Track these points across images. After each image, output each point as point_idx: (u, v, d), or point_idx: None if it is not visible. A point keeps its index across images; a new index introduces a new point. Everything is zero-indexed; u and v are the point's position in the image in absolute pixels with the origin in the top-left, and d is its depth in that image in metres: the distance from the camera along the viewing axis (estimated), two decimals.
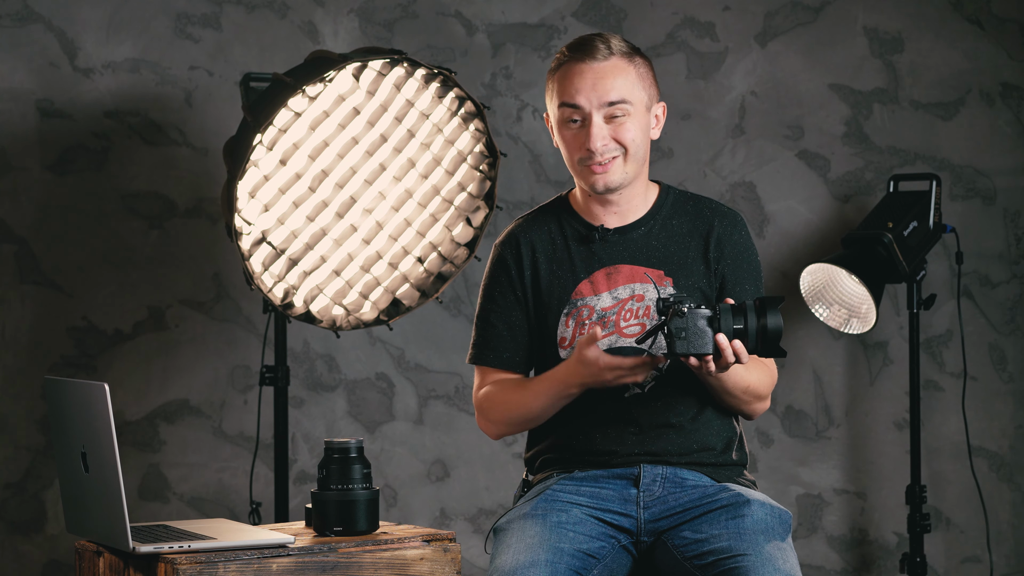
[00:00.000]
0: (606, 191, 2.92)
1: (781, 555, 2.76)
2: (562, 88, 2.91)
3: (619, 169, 2.91)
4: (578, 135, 2.91)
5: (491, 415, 2.98)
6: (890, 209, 4.33)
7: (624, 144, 2.89)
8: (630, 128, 2.90)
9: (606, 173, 2.90)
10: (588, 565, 2.81)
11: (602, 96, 2.88)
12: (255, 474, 4.18)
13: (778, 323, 2.71)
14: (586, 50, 2.90)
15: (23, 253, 4.11)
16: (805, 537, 4.57)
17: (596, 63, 2.89)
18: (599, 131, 2.88)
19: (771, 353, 2.72)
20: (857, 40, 4.60)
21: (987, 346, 4.66)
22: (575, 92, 2.89)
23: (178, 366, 4.21)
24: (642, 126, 2.92)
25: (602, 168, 2.90)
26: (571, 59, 2.91)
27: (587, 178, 2.92)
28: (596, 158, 2.89)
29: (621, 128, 2.89)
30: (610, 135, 2.89)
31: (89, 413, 2.65)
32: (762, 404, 2.95)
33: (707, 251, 2.96)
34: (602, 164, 2.89)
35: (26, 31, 4.09)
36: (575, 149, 2.91)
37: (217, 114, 4.20)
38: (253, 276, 3.57)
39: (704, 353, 2.70)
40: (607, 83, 2.88)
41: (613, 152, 2.89)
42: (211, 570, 2.60)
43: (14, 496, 4.11)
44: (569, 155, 2.93)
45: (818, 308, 4.37)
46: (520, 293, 2.99)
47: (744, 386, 2.87)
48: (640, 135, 2.91)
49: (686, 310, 2.69)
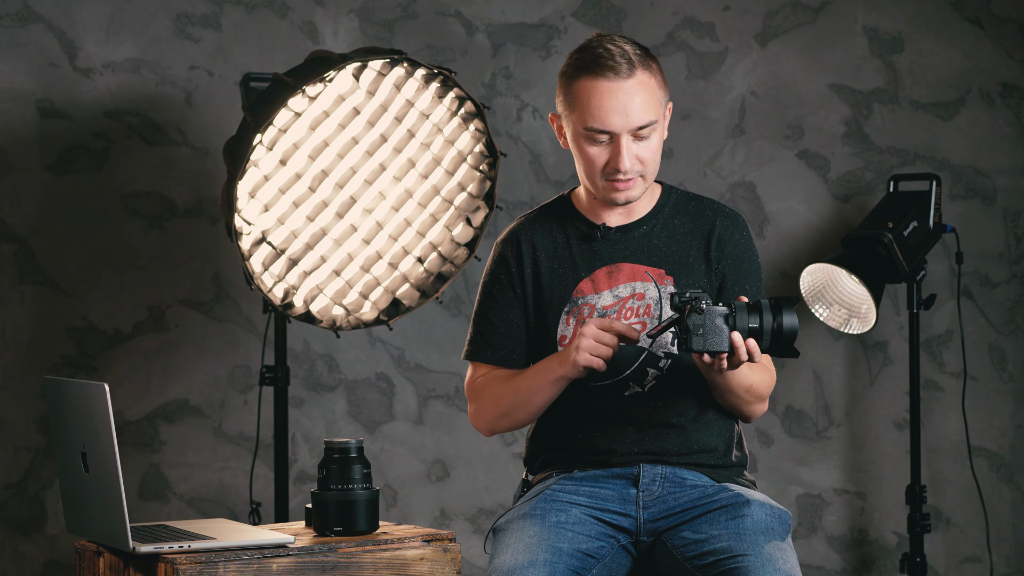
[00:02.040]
0: (626, 203, 2.93)
1: (781, 555, 2.76)
2: (587, 108, 2.86)
3: (640, 184, 2.91)
4: (603, 152, 2.88)
5: (482, 405, 2.98)
6: (890, 209, 4.33)
7: (646, 163, 2.89)
8: (654, 148, 2.89)
9: (629, 189, 2.90)
10: (587, 565, 2.81)
11: (632, 121, 2.84)
12: (255, 474, 4.18)
13: (793, 323, 2.71)
14: (608, 66, 2.84)
15: (23, 253, 4.11)
16: (805, 537, 4.57)
17: (622, 81, 2.84)
18: (629, 152, 2.86)
19: (785, 353, 2.72)
20: (857, 40, 4.60)
21: (987, 346, 4.66)
22: (604, 116, 2.84)
23: (178, 366, 4.21)
24: (662, 137, 2.92)
25: (625, 185, 2.89)
26: (593, 75, 2.85)
27: (609, 192, 2.91)
28: (621, 176, 2.88)
29: (647, 149, 2.88)
30: (636, 155, 2.88)
31: (89, 413, 2.65)
32: (761, 406, 2.95)
33: (708, 251, 2.96)
34: (627, 181, 2.89)
35: (26, 31, 4.09)
36: (600, 165, 2.90)
37: (217, 114, 4.20)
38: (253, 276, 3.57)
39: (720, 351, 2.70)
40: (635, 105, 2.84)
41: (637, 172, 2.89)
42: (211, 570, 2.60)
43: (14, 496, 4.11)
44: (590, 169, 2.91)
45: (818, 308, 4.37)
46: (520, 291, 2.98)
47: (747, 385, 2.87)
48: (660, 151, 2.91)
49: (704, 307, 2.69)
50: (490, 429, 3.00)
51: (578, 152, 2.91)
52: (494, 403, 2.96)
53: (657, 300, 2.91)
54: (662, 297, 2.91)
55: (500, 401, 2.95)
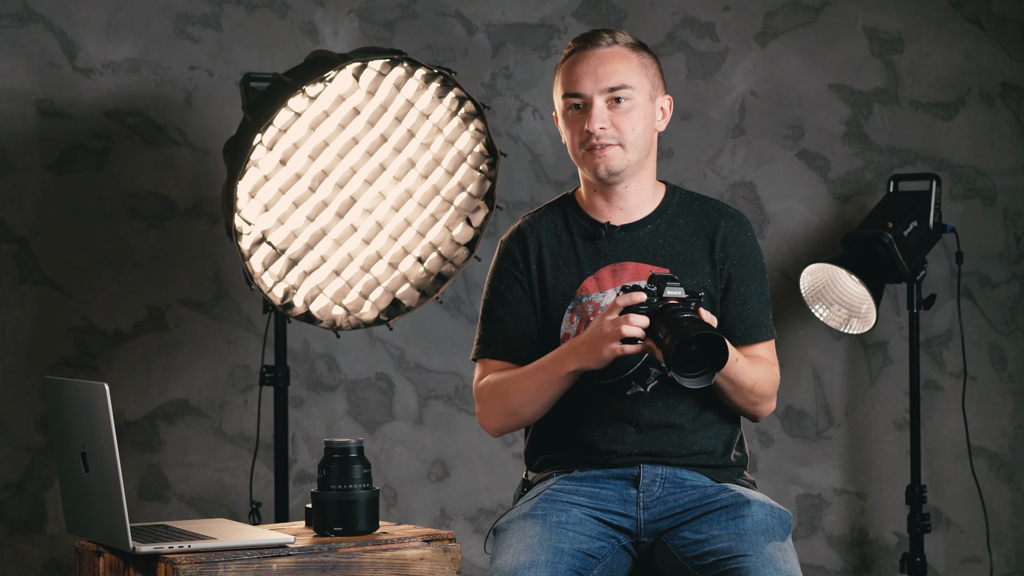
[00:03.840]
0: (608, 176, 2.92)
1: (782, 556, 2.76)
2: (566, 78, 2.94)
3: (619, 156, 2.91)
4: (579, 118, 2.92)
5: (490, 405, 2.96)
6: (890, 209, 4.33)
7: (622, 131, 2.89)
8: (631, 116, 2.90)
9: (607, 158, 2.90)
10: (588, 565, 2.81)
11: (602, 81, 2.90)
12: (255, 474, 4.18)
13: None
14: (590, 39, 2.94)
15: (23, 253, 4.11)
16: (805, 537, 4.57)
17: (599, 50, 2.92)
18: (599, 113, 2.89)
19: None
20: (857, 40, 4.60)
21: (987, 346, 4.66)
22: (576, 79, 2.92)
23: (178, 366, 4.21)
24: (645, 115, 2.92)
25: (601, 152, 2.90)
26: (576, 49, 2.94)
27: (589, 163, 2.92)
28: (594, 140, 2.89)
29: (623, 116, 2.90)
30: (610, 120, 2.90)
31: (89, 413, 2.65)
32: (768, 404, 2.96)
33: (713, 251, 2.96)
34: (601, 147, 2.89)
35: (26, 31, 4.09)
36: (576, 133, 2.92)
37: (217, 114, 4.20)
38: (253, 276, 3.57)
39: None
40: (608, 67, 2.90)
41: (612, 138, 2.90)
42: (211, 570, 2.60)
43: (14, 496, 4.11)
44: (571, 141, 2.94)
45: (818, 308, 4.37)
46: (527, 286, 2.98)
47: (751, 384, 2.88)
48: (641, 124, 2.91)
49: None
50: (498, 429, 2.99)
51: (563, 129, 2.96)
52: (501, 401, 2.94)
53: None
54: None
55: (508, 399, 2.93)
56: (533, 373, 2.90)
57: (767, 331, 2.98)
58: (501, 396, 2.94)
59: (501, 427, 2.98)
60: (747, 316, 2.95)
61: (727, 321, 2.95)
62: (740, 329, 2.94)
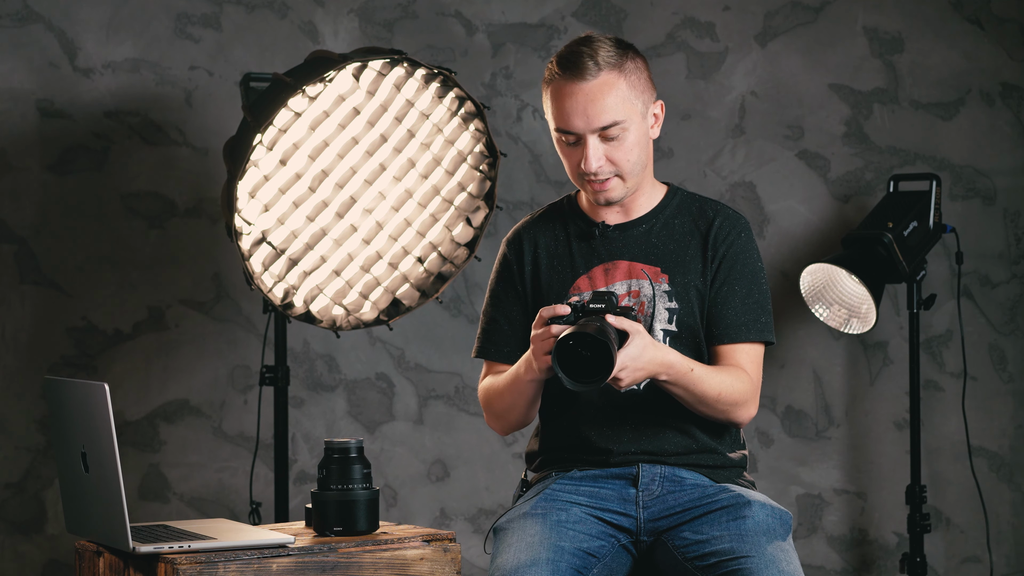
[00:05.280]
0: (608, 204, 2.94)
1: (784, 556, 2.76)
2: (556, 110, 2.89)
3: (619, 186, 2.92)
4: (574, 151, 2.90)
5: (487, 406, 3.01)
6: (890, 209, 4.33)
7: (619, 163, 2.89)
8: (626, 148, 2.88)
9: (606, 190, 2.91)
10: (588, 564, 2.81)
11: (593, 121, 2.86)
12: (255, 474, 4.18)
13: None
14: (574, 69, 2.86)
15: (23, 253, 4.11)
16: (805, 537, 4.57)
17: (585, 83, 2.85)
18: (595, 152, 2.87)
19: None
20: (857, 40, 4.60)
21: (987, 346, 4.66)
22: (567, 117, 2.87)
23: (178, 366, 4.21)
24: (639, 140, 2.90)
25: (601, 186, 2.91)
26: (560, 78, 2.87)
27: (588, 191, 2.94)
28: (592, 177, 2.89)
29: (617, 150, 2.88)
30: (606, 156, 2.88)
31: (89, 413, 2.65)
32: (742, 411, 2.90)
33: (706, 249, 2.96)
34: (601, 182, 2.90)
35: (26, 31, 4.09)
36: (573, 164, 2.92)
37: (217, 114, 4.20)
38: (253, 276, 3.57)
39: None
40: (598, 106, 2.85)
41: (610, 172, 2.89)
42: (211, 570, 2.60)
43: (14, 496, 4.11)
44: (569, 168, 2.94)
45: (818, 308, 4.37)
46: (521, 289, 3.00)
47: (715, 393, 2.85)
48: (636, 151, 2.90)
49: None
50: (502, 428, 3.03)
51: (559, 153, 2.95)
52: (489, 406, 3.01)
53: (651, 298, 2.91)
54: (656, 295, 2.91)
55: (492, 405, 2.99)
56: (506, 380, 2.93)
57: (749, 333, 2.93)
58: (488, 401, 3.01)
59: (499, 428, 3.03)
60: (726, 316, 2.93)
61: (707, 320, 2.94)
62: (718, 329, 2.92)
